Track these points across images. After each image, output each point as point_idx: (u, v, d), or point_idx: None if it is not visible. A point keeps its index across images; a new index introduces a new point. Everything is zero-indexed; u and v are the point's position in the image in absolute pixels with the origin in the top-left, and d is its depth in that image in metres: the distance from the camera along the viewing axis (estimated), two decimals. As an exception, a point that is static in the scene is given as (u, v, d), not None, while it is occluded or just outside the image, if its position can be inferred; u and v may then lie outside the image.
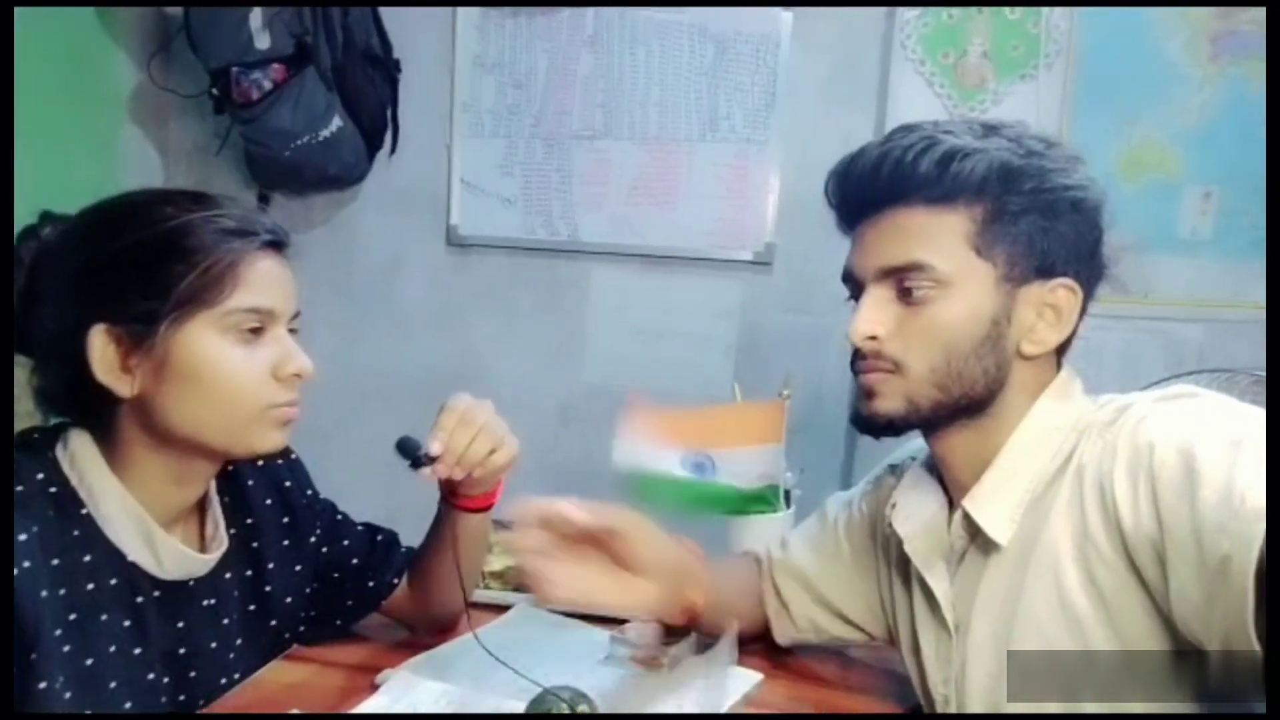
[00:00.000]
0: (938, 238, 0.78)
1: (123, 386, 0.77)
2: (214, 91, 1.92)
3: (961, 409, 0.79)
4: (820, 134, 1.85)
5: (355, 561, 1.02)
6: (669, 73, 1.94)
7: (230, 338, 0.78)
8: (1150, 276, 1.74)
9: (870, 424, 0.83)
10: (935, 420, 0.81)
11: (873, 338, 0.80)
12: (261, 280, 0.80)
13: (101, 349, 0.76)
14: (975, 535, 0.80)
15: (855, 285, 0.83)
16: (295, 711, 0.80)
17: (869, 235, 0.81)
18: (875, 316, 0.80)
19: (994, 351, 0.78)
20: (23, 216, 1.92)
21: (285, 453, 1.01)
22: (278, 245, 0.84)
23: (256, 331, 0.80)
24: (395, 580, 1.04)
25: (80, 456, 0.79)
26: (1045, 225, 0.77)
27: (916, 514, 0.87)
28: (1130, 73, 1.71)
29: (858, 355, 0.82)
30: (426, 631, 1.05)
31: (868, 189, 0.81)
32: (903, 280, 0.79)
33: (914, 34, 1.80)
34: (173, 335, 0.77)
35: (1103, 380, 1.80)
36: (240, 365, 0.79)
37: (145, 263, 0.77)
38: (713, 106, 1.92)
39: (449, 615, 1.05)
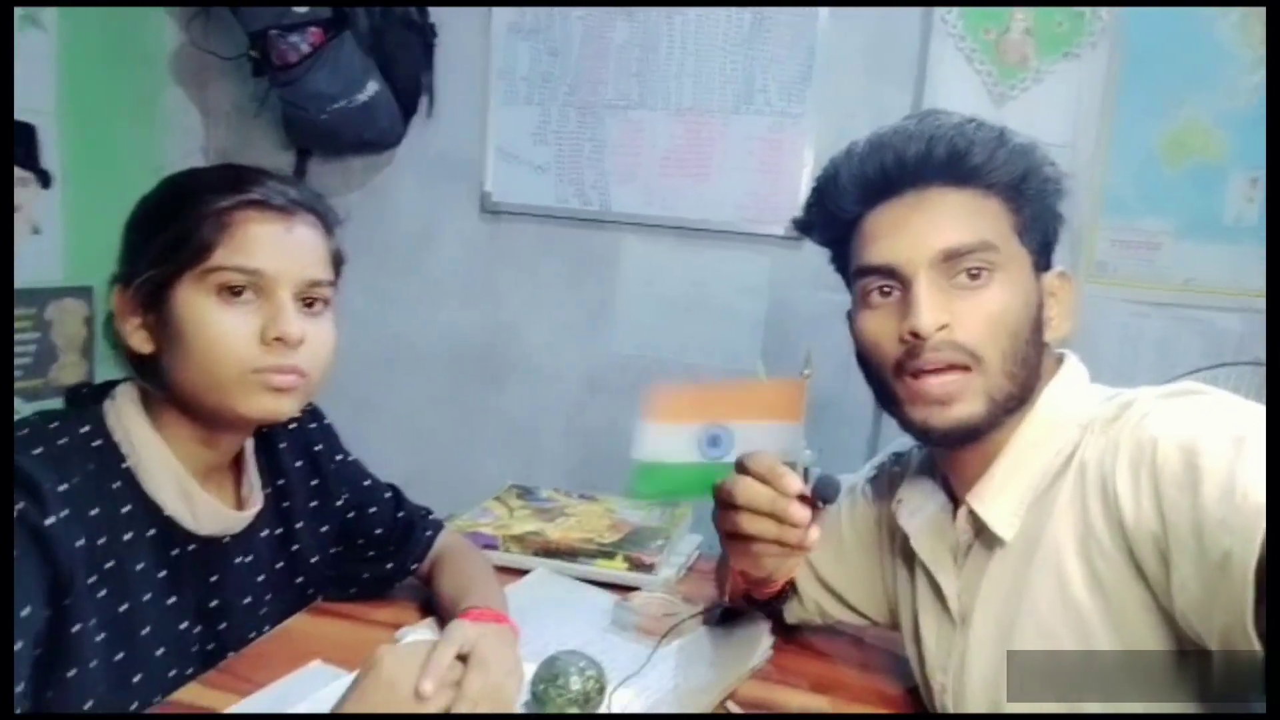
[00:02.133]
0: (992, 220, 0.76)
1: (143, 344, 0.81)
2: (253, 54, 1.94)
3: (1015, 404, 0.76)
4: (857, 109, 1.82)
5: (379, 533, 1.05)
6: (705, 43, 1.92)
7: (214, 297, 0.79)
8: (1190, 264, 1.71)
9: (951, 435, 0.76)
10: (1003, 418, 0.76)
11: (944, 327, 0.73)
12: (252, 241, 0.80)
13: (121, 308, 0.81)
14: (980, 531, 0.80)
15: (890, 277, 0.77)
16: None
17: (914, 221, 0.76)
18: (940, 304, 0.74)
19: (1040, 338, 0.78)
20: (71, 172, 1.95)
21: (318, 417, 1.04)
22: (291, 211, 0.83)
23: (240, 292, 0.79)
24: (414, 566, 1.06)
25: (124, 412, 0.82)
26: (1055, 214, 0.80)
27: (921, 510, 0.87)
28: (1178, 52, 1.66)
29: (910, 356, 0.74)
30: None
31: (912, 165, 0.77)
32: (962, 263, 0.74)
33: (955, 8, 1.75)
34: (167, 294, 0.79)
35: (1138, 368, 1.76)
36: (221, 325, 0.79)
37: (146, 225, 0.82)
38: (748, 78, 1.90)
39: None
